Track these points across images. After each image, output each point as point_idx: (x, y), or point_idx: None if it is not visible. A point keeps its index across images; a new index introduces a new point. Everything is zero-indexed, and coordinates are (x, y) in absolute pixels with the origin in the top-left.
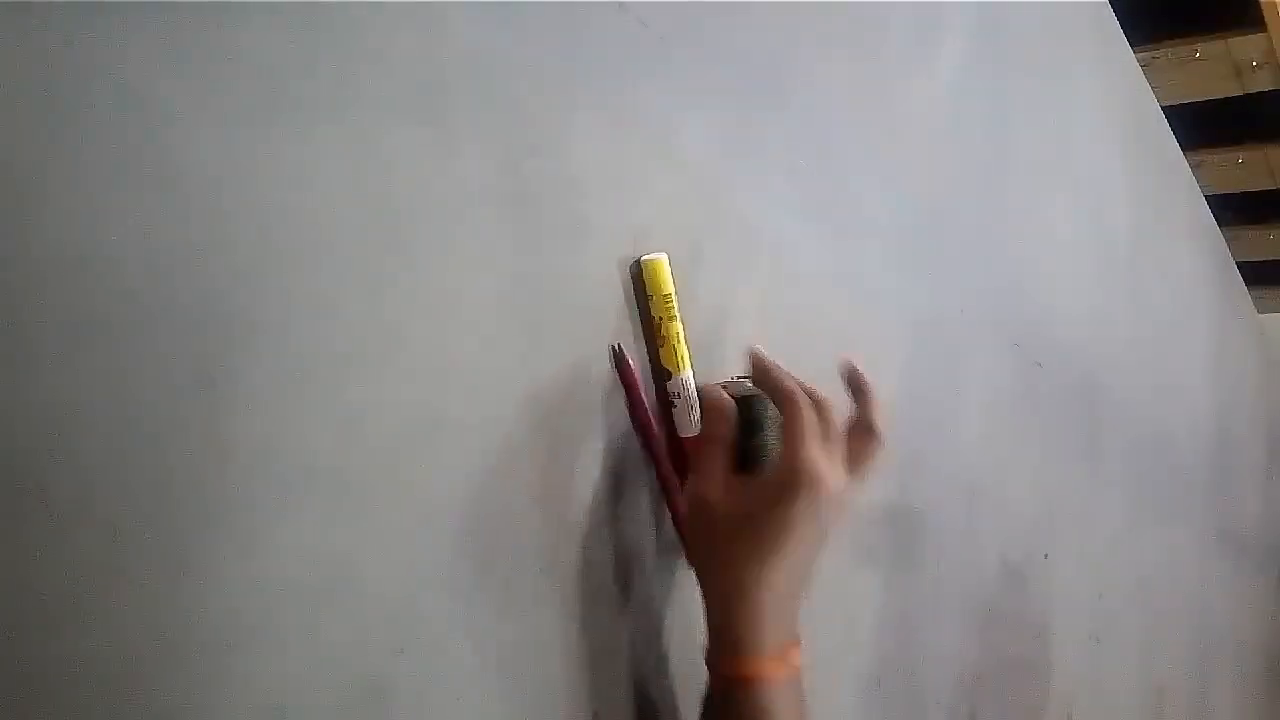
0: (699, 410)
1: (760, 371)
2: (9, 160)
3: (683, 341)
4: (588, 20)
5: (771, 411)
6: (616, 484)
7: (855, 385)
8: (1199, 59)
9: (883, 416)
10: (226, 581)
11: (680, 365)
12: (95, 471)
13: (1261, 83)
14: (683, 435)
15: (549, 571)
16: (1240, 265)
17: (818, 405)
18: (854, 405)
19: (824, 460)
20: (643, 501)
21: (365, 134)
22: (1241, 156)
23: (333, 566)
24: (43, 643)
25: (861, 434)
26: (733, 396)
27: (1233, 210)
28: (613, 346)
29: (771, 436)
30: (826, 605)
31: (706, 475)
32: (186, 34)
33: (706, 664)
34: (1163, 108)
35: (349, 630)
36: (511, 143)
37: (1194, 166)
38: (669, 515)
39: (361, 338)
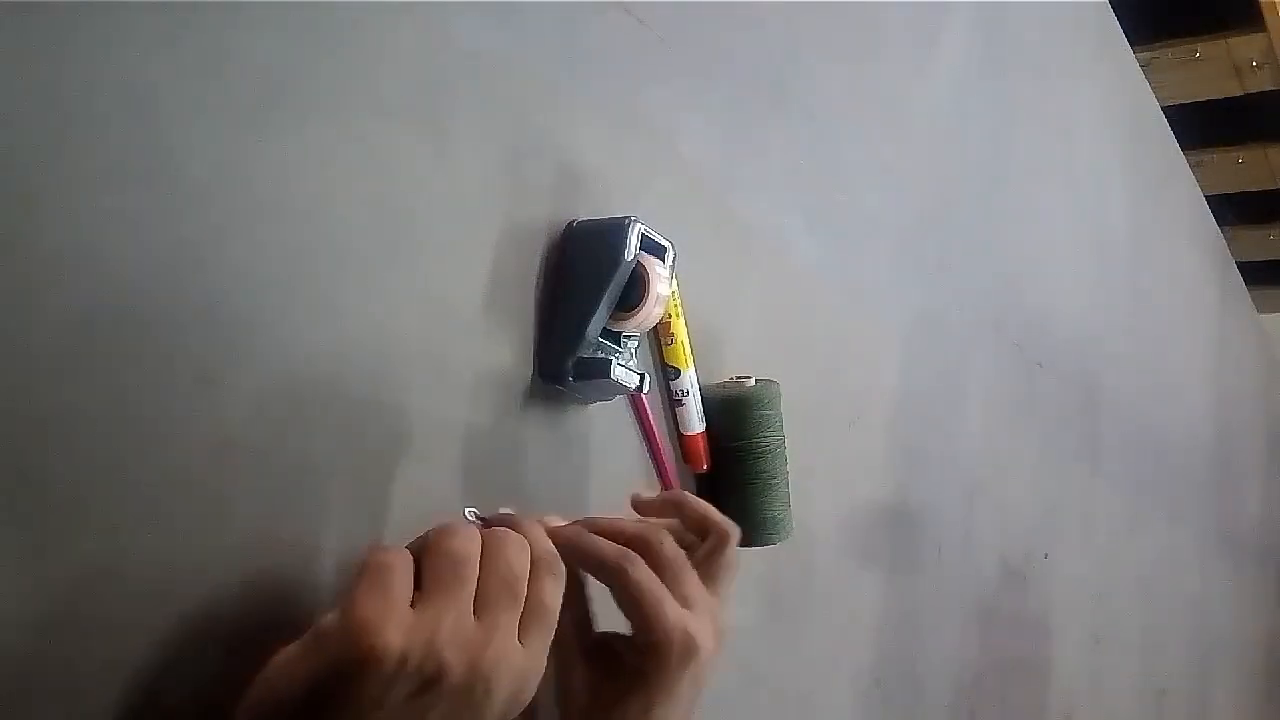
0: (702, 407)
1: (568, 550)
2: (9, 160)
3: (688, 339)
4: (588, 20)
5: (752, 413)
6: (619, 487)
7: (665, 508)
8: (1199, 59)
9: (712, 513)
10: (227, 582)
11: (686, 363)
12: (95, 471)
13: (1261, 83)
14: (687, 433)
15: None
16: (1240, 265)
17: (647, 550)
18: (681, 522)
19: (686, 617)
20: None
21: (365, 134)
22: (1241, 156)
23: (334, 567)
24: (43, 643)
25: (708, 545)
26: (718, 398)
27: (1233, 210)
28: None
29: (748, 435)
30: (826, 605)
31: (565, 669)
32: (186, 34)
33: None
34: (1163, 108)
35: None
36: (511, 143)
37: (1194, 166)
38: None
39: (361, 338)
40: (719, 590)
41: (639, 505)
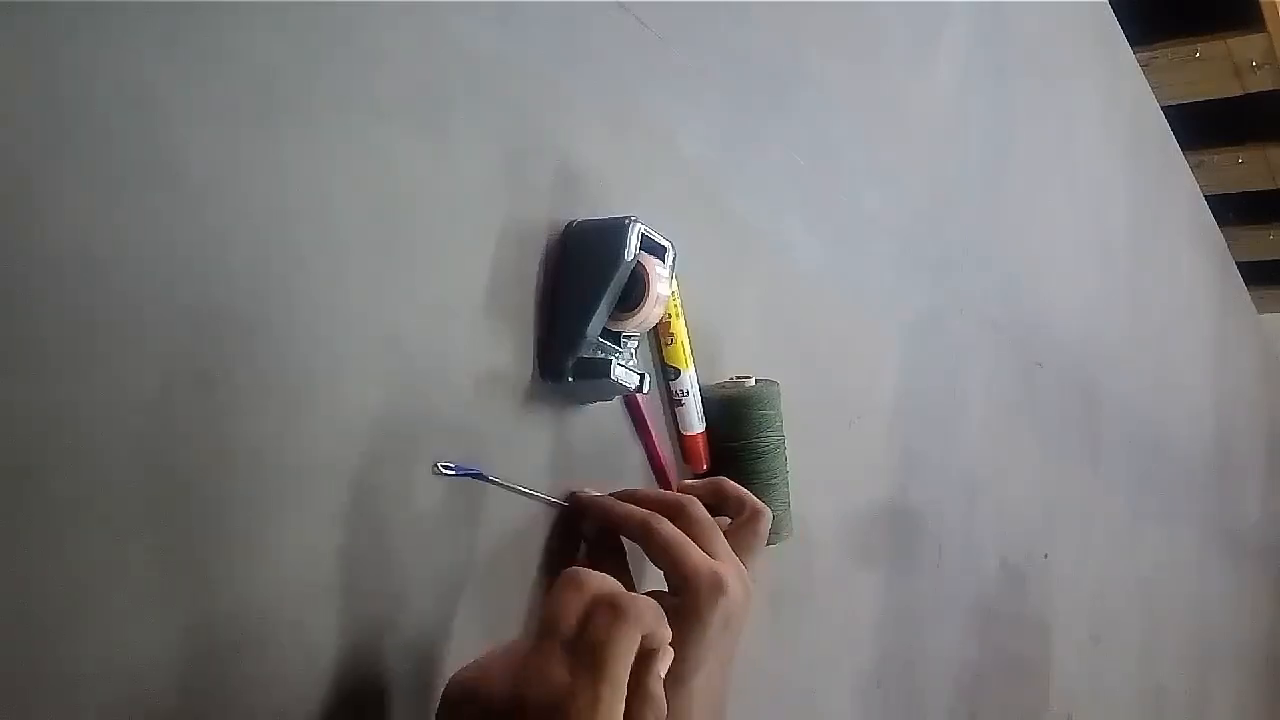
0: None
1: (594, 514)
2: (9, 160)
3: (688, 339)
4: (588, 20)
5: (752, 413)
6: (619, 487)
7: (706, 489)
8: (1199, 59)
9: (748, 495)
10: (227, 582)
11: (686, 363)
12: (95, 471)
13: (1261, 83)
14: (687, 434)
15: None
16: (1240, 265)
17: (676, 512)
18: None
19: (712, 561)
20: None
21: (365, 134)
22: (1241, 156)
23: (334, 567)
24: (43, 643)
25: (742, 518)
26: (718, 398)
27: (1233, 210)
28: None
29: (748, 434)
30: (826, 605)
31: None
32: (186, 34)
33: None
34: (1163, 108)
35: (351, 631)
36: (511, 143)
37: (1194, 166)
38: None
39: (361, 338)
40: (748, 559)
41: (683, 487)
